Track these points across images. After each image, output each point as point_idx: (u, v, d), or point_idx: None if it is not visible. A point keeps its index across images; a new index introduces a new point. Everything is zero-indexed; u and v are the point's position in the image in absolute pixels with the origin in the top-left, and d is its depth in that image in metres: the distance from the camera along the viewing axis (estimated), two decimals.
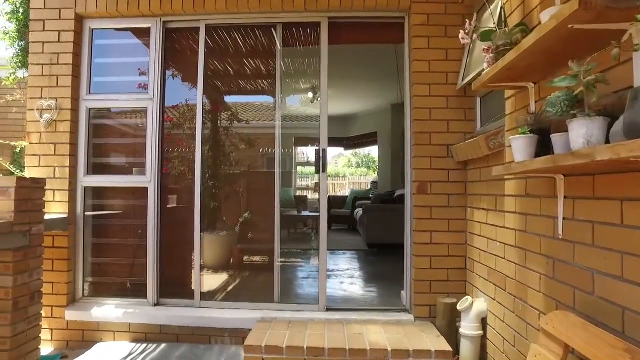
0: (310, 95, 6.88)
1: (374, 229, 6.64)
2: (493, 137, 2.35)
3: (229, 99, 4.58)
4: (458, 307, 2.72)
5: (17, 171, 5.23)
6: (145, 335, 3.36)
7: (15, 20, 3.94)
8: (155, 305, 3.44)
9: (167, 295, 3.50)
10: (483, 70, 2.05)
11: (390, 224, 6.06)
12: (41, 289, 2.73)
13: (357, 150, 22.08)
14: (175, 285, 3.68)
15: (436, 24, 3.23)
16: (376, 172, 15.22)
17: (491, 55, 1.97)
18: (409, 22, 3.36)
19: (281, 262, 3.52)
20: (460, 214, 3.17)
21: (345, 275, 4.87)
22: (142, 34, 3.63)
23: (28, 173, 3.52)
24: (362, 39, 3.83)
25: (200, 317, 3.26)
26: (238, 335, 3.23)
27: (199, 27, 3.53)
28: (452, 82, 3.20)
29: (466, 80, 2.92)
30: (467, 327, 2.63)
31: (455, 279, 3.16)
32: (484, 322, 2.66)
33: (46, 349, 3.34)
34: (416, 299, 3.19)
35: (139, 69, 3.65)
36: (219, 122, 4.33)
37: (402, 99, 3.53)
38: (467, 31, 2.08)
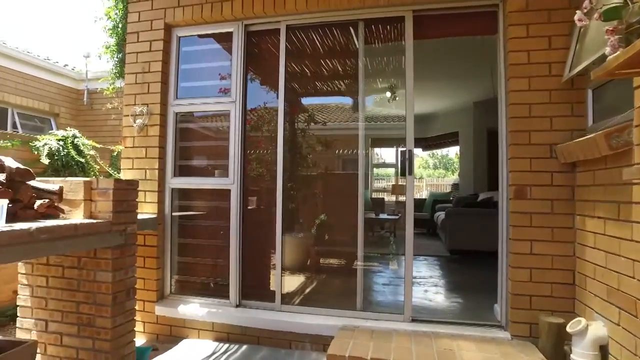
0: (388, 94, 6.71)
1: (457, 235, 6.27)
2: (617, 134, 2.02)
3: (306, 101, 4.57)
4: (568, 330, 2.40)
5: (115, 173, 5.70)
6: (227, 335, 3.44)
7: (115, 35, 4.27)
8: (237, 306, 3.51)
9: (248, 297, 3.55)
10: (601, 56, 1.76)
11: (474, 229, 5.68)
12: (135, 286, 2.89)
13: (435, 150, 21.31)
14: (257, 287, 3.73)
15: (537, 9, 2.91)
16: (456, 174, 14.52)
17: (616, 37, 1.69)
18: (503, 9, 3.07)
19: (362, 266, 3.41)
20: (566, 222, 2.81)
21: (428, 284, 4.63)
22: (224, 38, 3.74)
23: (123, 175, 3.78)
24: (450, 31, 3.60)
25: (281, 321, 3.25)
26: (318, 342, 3.17)
27: (279, 29, 3.55)
28: (557, 74, 2.86)
29: (576, 70, 2.58)
30: (582, 355, 2.30)
31: (560, 295, 2.81)
32: (602, 350, 2.31)
33: (139, 340, 3.55)
34: (513, 315, 2.89)
35: (219, 74, 3.77)
36: (296, 124, 4.34)
37: (485, 96, 3.24)
38: (585, 10, 1.80)
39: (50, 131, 5.39)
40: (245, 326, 3.38)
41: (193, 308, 3.50)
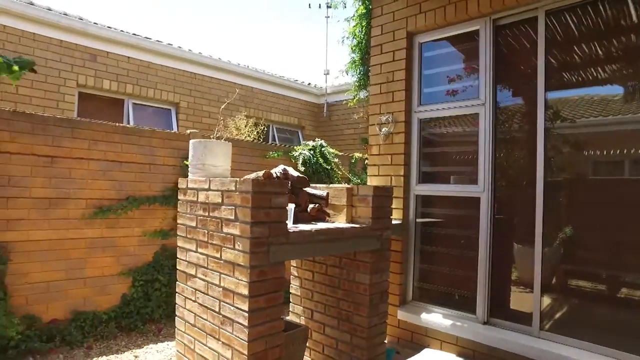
0: None
1: None
2: None
3: (566, 94, 3.97)
4: None
5: (354, 179, 6.25)
6: (472, 352, 3.27)
7: (358, 50, 4.68)
8: (484, 323, 3.30)
9: (497, 315, 3.30)
10: None
11: None
12: (387, 290, 3.05)
13: None
14: (506, 305, 3.44)
15: None
16: None
17: None
18: None
19: None
20: None
21: None
22: (468, 38, 3.59)
23: (369, 181, 4.07)
24: None
25: (542, 351, 2.89)
26: None
27: (536, 16, 3.19)
28: None
29: None
30: None
31: None
32: None
33: None
34: None
35: (463, 76, 3.63)
36: (555, 122, 3.80)
37: None
38: None
39: (303, 142, 6.33)
40: (494, 347, 3.14)
41: (436, 318, 3.47)
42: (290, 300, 3.56)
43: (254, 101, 8.42)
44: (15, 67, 1.58)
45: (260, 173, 2.56)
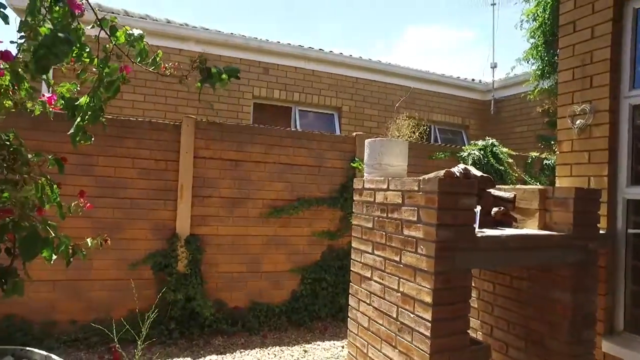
0: None
1: None
2: None
3: None
4: None
5: (531, 181, 5.57)
6: None
7: (540, 34, 4.14)
8: None
9: None
10: None
11: None
12: (594, 313, 2.56)
13: None
14: None
15: None
16: None
17: None
18: None
19: None
20: None
21: None
22: None
23: (559, 182, 3.52)
24: None
25: None
26: None
27: None
28: None
29: None
30: None
31: None
32: None
33: None
34: None
35: None
36: None
37: None
38: None
39: (472, 142, 5.91)
40: None
41: None
42: None
43: (416, 102, 8.25)
44: (225, 76, 1.76)
45: (440, 173, 2.40)
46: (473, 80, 8.94)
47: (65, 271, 3.88)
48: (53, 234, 1.73)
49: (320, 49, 7.59)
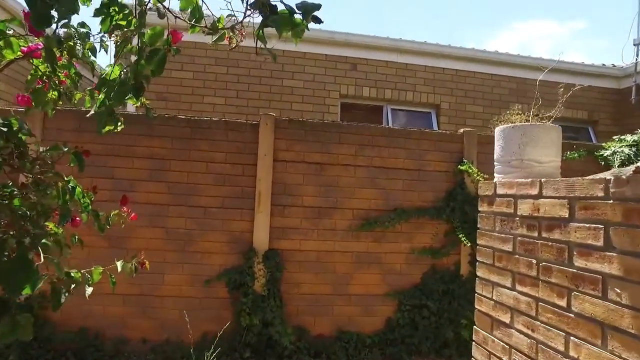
0: None
1: None
2: None
3: None
4: None
5: None
6: None
7: None
8: None
9: None
10: None
11: None
12: None
13: None
14: None
15: None
16: None
17: None
18: None
19: None
20: None
21: None
22: None
23: None
24: None
25: None
26: None
27: None
28: None
29: None
30: None
31: None
32: None
33: None
34: None
35: None
36: None
37: None
38: None
39: (617, 137, 4.70)
40: None
41: None
42: None
43: (527, 94, 7.09)
44: (298, 19, 1.15)
45: (627, 170, 1.56)
46: (604, 65, 7.48)
47: (134, 285, 3.61)
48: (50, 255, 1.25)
49: (413, 40, 6.82)
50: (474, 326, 2.13)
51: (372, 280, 4.02)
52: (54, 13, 1.16)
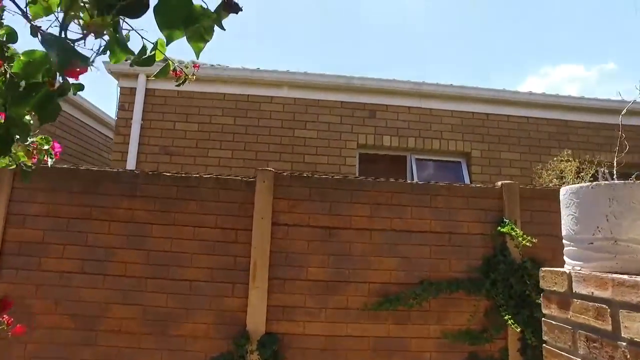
0: None
1: None
2: None
3: None
4: None
5: None
6: None
7: None
8: None
9: None
10: None
11: None
12: None
13: None
14: None
15: None
16: None
17: None
18: None
19: None
20: None
21: None
22: None
23: None
24: None
25: None
26: None
27: None
28: None
29: None
30: None
31: None
32: None
33: None
34: None
35: None
36: None
37: None
38: None
39: None
40: None
41: None
42: None
43: (570, 138, 6.37)
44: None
45: None
46: None
47: None
48: None
49: (437, 83, 6.32)
50: None
51: None
52: None
